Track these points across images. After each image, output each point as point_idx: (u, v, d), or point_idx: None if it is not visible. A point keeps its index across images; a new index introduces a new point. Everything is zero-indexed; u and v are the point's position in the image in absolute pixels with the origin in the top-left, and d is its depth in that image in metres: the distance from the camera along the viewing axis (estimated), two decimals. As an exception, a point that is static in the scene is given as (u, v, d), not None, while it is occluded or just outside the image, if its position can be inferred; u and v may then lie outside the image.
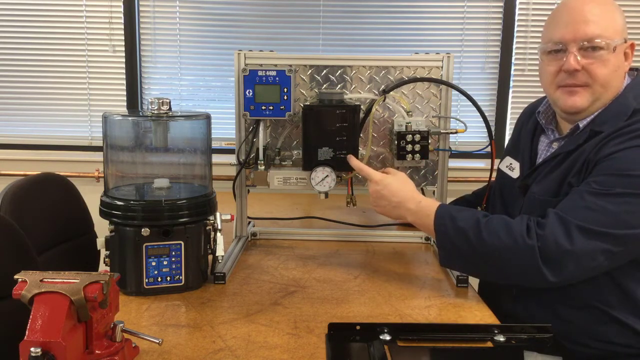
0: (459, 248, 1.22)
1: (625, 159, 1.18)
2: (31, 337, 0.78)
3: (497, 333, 1.04)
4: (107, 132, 1.31)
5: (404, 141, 1.50)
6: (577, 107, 1.30)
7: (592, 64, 1.26)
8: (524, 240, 1.15)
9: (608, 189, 1.15)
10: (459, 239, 1.22)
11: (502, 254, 1.17)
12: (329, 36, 2.65)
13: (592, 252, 1.14)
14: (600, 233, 1.13)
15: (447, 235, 1.24)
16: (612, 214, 1.14)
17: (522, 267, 1.16)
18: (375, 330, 1.04)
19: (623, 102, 1.27)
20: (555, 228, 1.15)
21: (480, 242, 1.19)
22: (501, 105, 2.69)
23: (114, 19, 2.64)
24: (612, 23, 1.27)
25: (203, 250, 1.29)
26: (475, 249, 1.19)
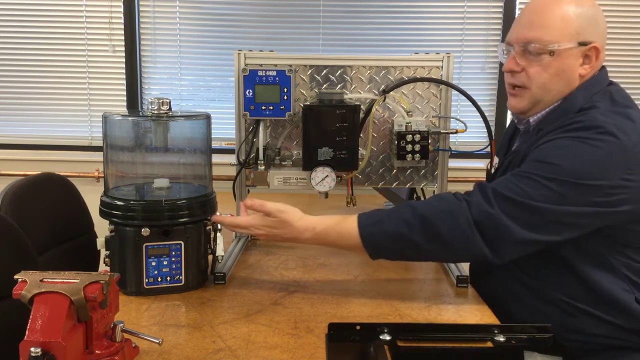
0: (391, 226, 1.20)
1: (548, 149, 1.20)
2: (31, 337, 0.78)
3: (497, 333, 1.04)
4: (107, 132, 1.31)
5: (404, 141, 1.50)
6: (517, 108, 1.35)
7: (531, 67, 1.29)
8: (455, 200, 1.19)
9: (528, 174, 1.18)
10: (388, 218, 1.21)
11: (438, 217, 1.17)
12: (329, 36, 2.65)
13: (512, 217, 1.15)
14: (516, 201, 1.15)
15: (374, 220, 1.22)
16: (524, 190, 1.16)
17: (457, 228, 1.16)
18: (375, 330, 1.03)
19: (572, 101, 1.28)
20: (477, 194, 1.18)
21: (415, 214, 1.18)
22: (501, 105, 2.69)
23: (114, 19, 2.64)
24: (562, 26, 1.26)
25: (203, 250, 1.29)
26: (410, 218, 1.18)
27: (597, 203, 1.15)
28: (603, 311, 1.23)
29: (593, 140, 1.16)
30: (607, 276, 1.23)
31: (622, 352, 1.24)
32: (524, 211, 1.15)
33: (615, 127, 1.17)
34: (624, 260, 1.23)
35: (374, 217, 1.22)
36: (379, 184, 1.59)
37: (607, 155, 1.15)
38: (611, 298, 1.22)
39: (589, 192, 1.15)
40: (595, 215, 1.16)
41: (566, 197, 1.15)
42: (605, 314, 1.23)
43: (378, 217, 1.22)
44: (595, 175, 1.15)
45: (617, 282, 1.23)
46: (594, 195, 1.15)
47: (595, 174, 1.15)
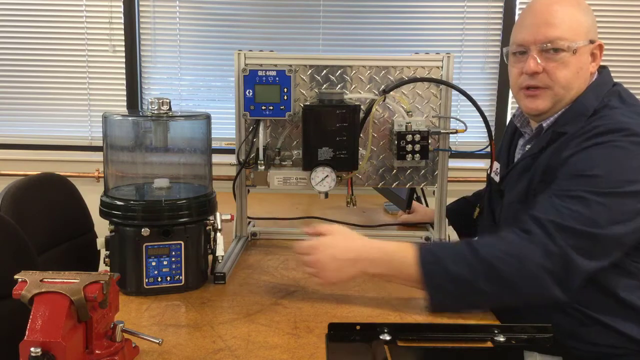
0: (454, 274, 1.12)
1: (582, 161, 1.18)
2: (31, 337, 0.78)
3: (497, 333, 1.04)
4: (107, 132, 1.31)
5: (404, 141, 1.50)
6: (539, 109, 1.32)
7: (553, 66, 1.28)
8: (520, 242, 1.14)
9: (571, 192, 1.16)
10: (451, 264, 1.13)
11: (504, 261, 1.12)
12: (329, 36, 2.65)
13: (578, 251, 1.12)
14: (577, 232, 1.12)
15: (436, 267, 1.14)
16: (583, 216, 1.13)
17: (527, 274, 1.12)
18: (375, 330, 1.03)
19: (584, 102, 1.28)
20: (537, 232, 1.14)
21: (478, 258, 1.12)
22: (501, 105, 2.69)
23: (114, 19, 2.64)
24: (576, 25, 1.27)
25: (203, 250, 1.29)
26: (475, 265, 1.12)
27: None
28: (615, 320, 1.22)
29: (624, 143, 1.16)
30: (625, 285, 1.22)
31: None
32: (586, 240, 1.12)
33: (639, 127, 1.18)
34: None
35: (434, 254, 1.16)
36: (379, 184, 1.59)
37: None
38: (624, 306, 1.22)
39: (635, 199, 1.15)
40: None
41: (622, 212, 1.14)
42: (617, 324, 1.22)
43: (439, 255, 1.15)
44: (637, 179, 1.15)
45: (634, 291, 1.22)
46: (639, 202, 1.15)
47: (636, 179, 1.15)
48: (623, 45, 2.62)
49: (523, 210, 1.23)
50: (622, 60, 2.63)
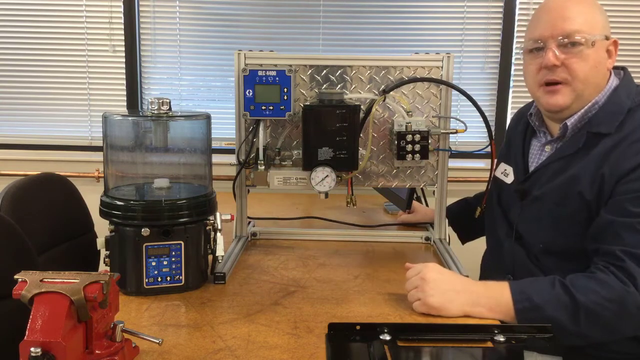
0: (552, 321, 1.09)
1: None
2: (31, 337, 0.78)
3: (497, 333, 1.04)
4: (107, 132, 1.31)
5: (404, 141, 1.50)
6: (560, 105, 1.31)
7: (571, 60, 1.27)
8: (620, 285, 1.12)
9: None
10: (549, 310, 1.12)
11: (607, 309, 1.11)
12: (329, 36, 2.65)
13: None
14: None
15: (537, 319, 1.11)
16: None
17: (628, 317, 1.12)
18: (375, 330, 1.03)
19: (616, 101, 1.28)
20: (635, 270, 1.12)
21: (579, 305, 1.11)
22: (501, 105, 2.69)
23: (114, 19, 2.64)
24: (591, 20, 1.28)
25: (203, 250, 1.29)
26: (573, 313, 1.12)
27: None
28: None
29: None
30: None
31: None
32: None
33: None
34: None
35: (530, 300, 1.13)
36: (379, 184, 1.59)
37: None
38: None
39: None
40: None
41: None
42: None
43: (535, 301, 1.13)
44: None
45: None
46: None
47: None
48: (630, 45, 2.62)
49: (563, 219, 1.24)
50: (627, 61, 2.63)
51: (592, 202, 1.24)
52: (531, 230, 1.37)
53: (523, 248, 1.39)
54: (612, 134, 1.25)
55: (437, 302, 1.13)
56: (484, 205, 1.55)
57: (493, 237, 1.53)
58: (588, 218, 1.25)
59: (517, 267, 1.40)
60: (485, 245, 1.63)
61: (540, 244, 1.34)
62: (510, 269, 1.42)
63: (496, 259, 1.50)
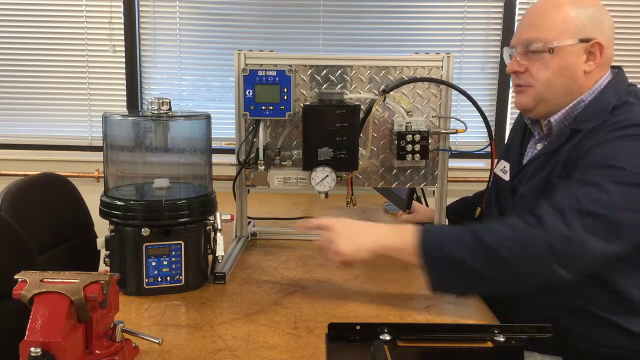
0: (457, 262, 1.12)
1: (604, 152, 1.18)
2: (31, 337, 0.78)
3: (497, 333, 1.04)
4: (107, 132, 1.31)
5: (404, 141, 1.50)
6: (522, 105, 1.37)
7: (533, 66, 1.32)
8: (526, 227, 1.12)
9: (593, 181, 1.15)
10: (454, 249, 1.13)
11: (508, 248, 1.11)
12: (329, 36, 2.65)
13: (593, 234, 1.10)
14: (594, 215, 1.11)
15: (435, 246, 1.15)
16: (600, 200, 1.12)
17: (531, 258, 1.11)
18: (375, 330, 1.03)
19: (603, 100, 1.28)
20: (550, 215, 1.13)
21: (481, 244, 1.12)
22: (501, 105, 2.69)
23: (114, 19, 2.64)
24: (561, 24, 1.27)
25: (203, 250, 1.29)
26: (476, 250, 1.12)
27: None
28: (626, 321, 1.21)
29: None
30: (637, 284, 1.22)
31: None
32: (603, 225, 1.11)
33: None
34: None
35: (435, 238, 1.17)
36: (379, 184, 1.59)
37: None
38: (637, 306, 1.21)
39: None
40: None
41: (636, 201, 1.12)
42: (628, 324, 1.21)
43: (440, 239, 1.17)
44: None
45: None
46: None
47: None
48: (625, 45, 2.62)
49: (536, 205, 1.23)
50: (625, 61, 2.63)
51: None
52: None
53: None
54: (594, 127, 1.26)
55: (348, 247, 1.18)
56: (483, 205, 1.55)
57: None
58: None
59: None
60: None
61: None
62: None
63: None
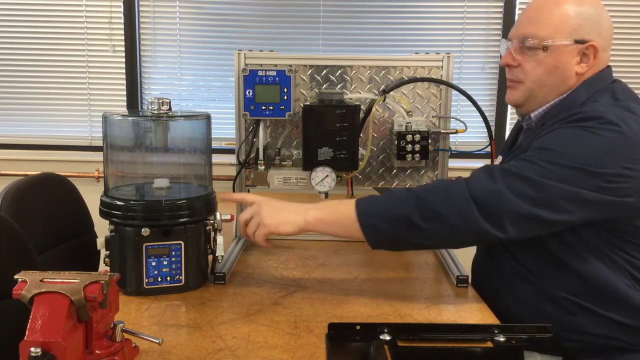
0: (388, 209, 1.18)
1: (550, 137, 1.21)
2: (31, 337, 0.78)
3: (497, 333, 1.04)
4: (107, 132, 1.31)
5: (404, 141, 1.50)
6: (512, 101, 1.36)
7: (526, 62, 1.31)
8: (454, 181, 1.18)
9: (530, 158, 1.17)
10: (386, 201, 1.20)
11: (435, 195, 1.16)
12: (329, 36, 2.65)
13: (515, 190, 1.13)
14: (519, 175, 1.15)
15: (371, 204, 1.20)
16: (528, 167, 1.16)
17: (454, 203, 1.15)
18: (375, 330, 1.03)
19: (575, 97, 1.29)
20: (478, 172, 1.19)
21: (411, 194, 1.17)
22: (501, 105, 2.69)
23: (114, 19, 2.64)
24: (558, 23, 1.27)
25: (203, 250, 1.29)
26: (407, 199, 1.17)
27: (601, 189, 1.14)
28: (605, 308, 1.22)
29: (595, 129, 1.16)
30: (610, 272, 1.22)
31: (621, 353, 1.24)
32: (526, 185, 1.14)
33: (616, 117, 1.17)
34: (625, 257, 1.22)
35: (370, 199, 1.23)
36: (379, 184, 1.59)
37: (609, 143, 1.15)
38: (615, 294, 1.21)
39: (591, 177, 1.14)
40: (599, 203, 1.15)
41: (569, 179, 1.14)
42: (607, 311, 1.22)
43: (374, 198, 1.23)
44: (598, 163, 1.14)
45: (621, 278, 1.22)
46: (597, 181, 1.14)
47: (597, 161, 1.14)
48: (625, 45, 2.62)
49: None
50: (623, 60, 2.63)
51: None
52: None
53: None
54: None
55: (273, 221, 1.22)
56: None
57: None
58: None
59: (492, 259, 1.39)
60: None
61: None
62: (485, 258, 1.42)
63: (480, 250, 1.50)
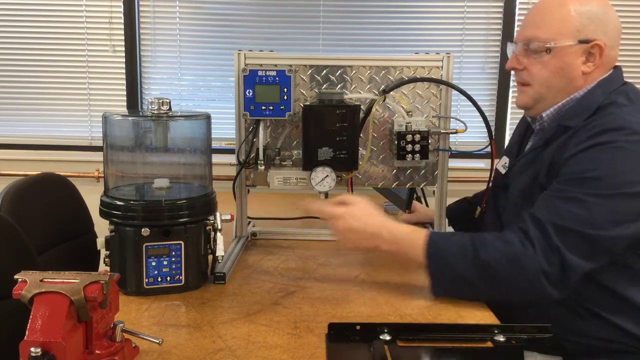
0: (455, 270, 1.19)
1: (583, 162, 1.19)
2: (31, 337, 0.78)
3: (497, 333, 1.04)
4: (107, 132, 1.31)
5: (404, 141, 1.50)
6: (522, 104, 1.38)
7: (531, 65, 1.32)
8: (519, 247, 1.15)
9: (573, 194, 1.16)
10: (453, 259, 1.19)
11: (501, 264, 1.16)
12: (329, 36, 2.65)
13: (577, 251, 1.13)
14: (576, 232, 1.14)
15: (440, 259, 1.20)
16: (582, 217, 1.14)
17: (525, 274, 1.15)
18: (375, 330, 1.03)
19: (590, 98, 1.29)
20: (535, 232, 1.16)
21: (477, 260, 1.17)
22: (501, 105, 2.69)
23: (114, 19, 2.64)
24: (561, 24, 1.27)
25: (203, 250, 1.29)
26: (474, 266, 1.17)
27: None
28: (618, 316, 1.22)
29: (624, 143, 1.17)
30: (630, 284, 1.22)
31: (622, 356, 1.24)
32: (584, 242, 1.14)
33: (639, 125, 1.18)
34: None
35: (439, 246, 1.21)
36: (379, 184, 1.59)
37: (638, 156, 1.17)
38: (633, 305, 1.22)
39: (635, 200, 1.15)
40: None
41: (615, 212, 1.14)
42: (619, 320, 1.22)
43: (443, 248, 1.21)
44: (637, 180, 1.15)
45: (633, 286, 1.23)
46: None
47: (635, 179, 1.15)
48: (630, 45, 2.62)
49: (525, 206, 1.25)
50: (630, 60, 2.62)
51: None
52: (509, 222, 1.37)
53: None
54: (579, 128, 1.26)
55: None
56: (484, 205, 1.55)
57: (489, 231, 1.53)
58: None
59: None
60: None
61: None
62: None
63: None
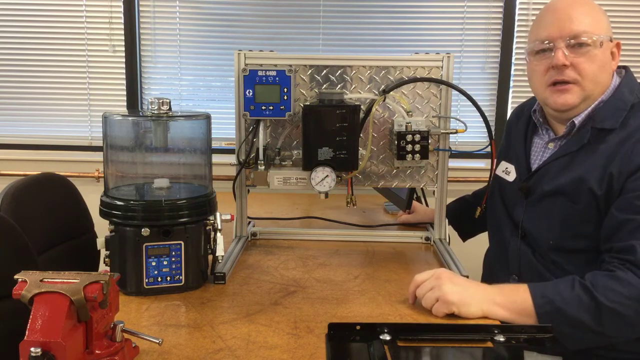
0: (576, 324, 1.12)
1: None
2: (31, 337, 0.78)
3: (497, 333, 1.04)
4: (107, 132, 1.31)
5: (404, 141, 1.49)
6: (569, 104, 1.31)
7: (579, 60, 1.28)
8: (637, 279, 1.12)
9: None
10: (574, 313, 1.12)
11: (627, 306, 1.11)
12: (329, 36, 2.65)
13: None
14: None
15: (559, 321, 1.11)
16: None
17: None
18: (375, 330, 1.03)
19: (620, 98, 1.29)
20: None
21: (600, 306, 1.11)
22: (501, 105, 2.69)
23: (114, 19, 2.65)
24: (597, 21, 1.29)
25: (203, 250, 1.29)
26: (598, 316, 1.11)
27: None
28: None
29: None
30: None
31: None
32: None
33: None
34: None
35: (552, 304, 1.13)
36: (379, 184, 1.59)
37: None
38: None
39: None
40: None
41: None
42: None
43: (557, 304, 1.12)
44: None
45: None
46: None
47: None
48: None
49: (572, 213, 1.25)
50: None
51: (601, 198, 1.24)
52: (539, 228, 1.37)
53: (529, 247, 1.39)
54: (617, 130, 1.26)
55: (457, 297, 1.11)
56: (484, 205, 1.55)
57: (497, 236, 1.53)
58: (597, 215, 1.25)
59: (522, 266, 1.40)
60: (485, 244, 1.63)
61: (550, 241, 1.34)
62: (516, 268, 1.42)
63: (501, 258, 1.50)
